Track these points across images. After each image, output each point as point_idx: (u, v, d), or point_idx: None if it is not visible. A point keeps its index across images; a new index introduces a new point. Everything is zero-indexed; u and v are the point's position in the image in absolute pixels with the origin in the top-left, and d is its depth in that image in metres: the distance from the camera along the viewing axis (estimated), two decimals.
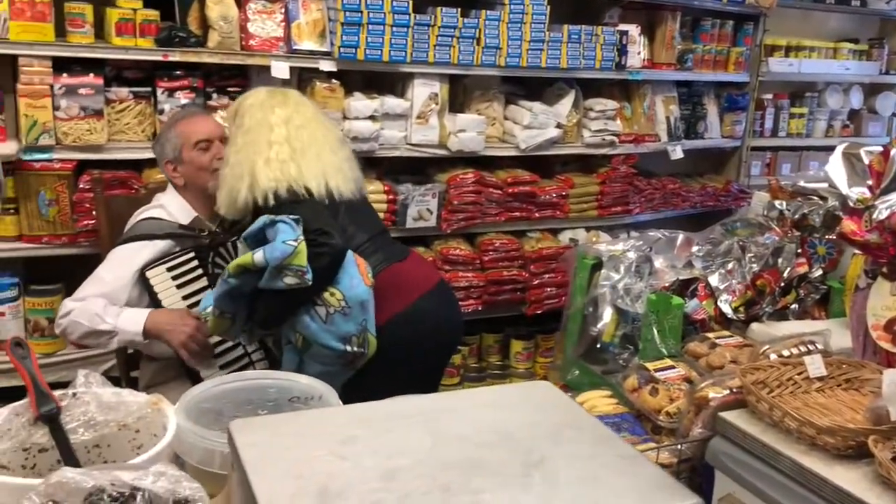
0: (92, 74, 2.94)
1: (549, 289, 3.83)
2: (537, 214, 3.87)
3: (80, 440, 1.31)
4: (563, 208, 3.92)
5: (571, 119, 3.90)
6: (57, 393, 1.33)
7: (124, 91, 3.03)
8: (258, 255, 2.09)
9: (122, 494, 0.82)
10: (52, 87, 2.86)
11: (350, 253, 2.27)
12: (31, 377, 1.33)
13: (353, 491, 0.85)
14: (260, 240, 2.18)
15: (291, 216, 2.18)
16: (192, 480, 0.85)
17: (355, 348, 2.24)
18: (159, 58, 3.00)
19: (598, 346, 2.18)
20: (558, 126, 3.83)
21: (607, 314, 2.19)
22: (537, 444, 0.98)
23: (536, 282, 3.80)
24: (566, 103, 3.89)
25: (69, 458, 1.28)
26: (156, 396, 1.38)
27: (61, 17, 2.88)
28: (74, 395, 1.36)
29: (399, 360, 2.36)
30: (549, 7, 3.65)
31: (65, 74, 2.89)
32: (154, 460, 1.18)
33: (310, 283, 2.12)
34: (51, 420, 1.30)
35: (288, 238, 2.10)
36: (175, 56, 3.01)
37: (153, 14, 2.98)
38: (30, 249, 2.98)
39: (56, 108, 2.88)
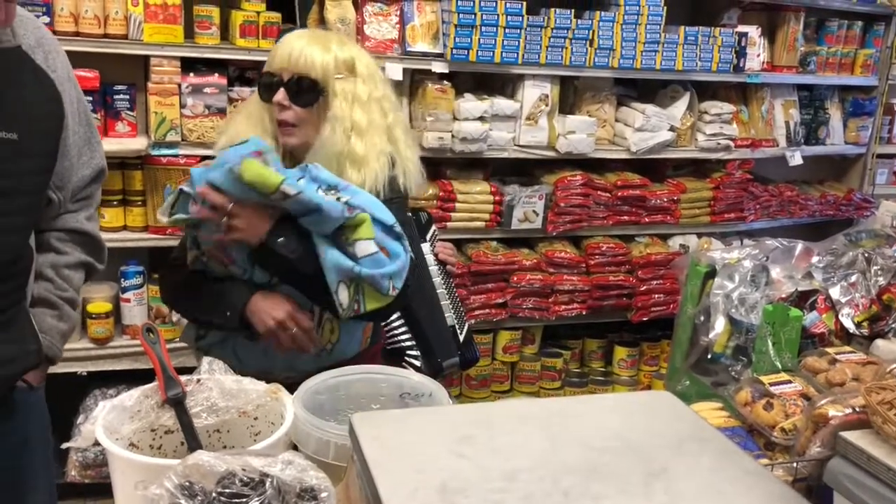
0: (217, 74, 3.07)
1: (656, 295, 3.76)
2: (647, 219, 3.80)
3: (203, 424, 1.37)
4: (674, 213, 3.84)
5: (685, 122, 3.81)
6: (182, 378, 1.40)
7: (246, 91, 3.14)
8: None
9: (252, 479, 0.86)
10: (179, 86, 3.01)
11: None
12: (160, 362, 1.40)
13: (474, 489, 0.86)
14: None
15: None
16: (319, 470, 0.88)
17: None
18: None
19: (709, 356, 2.13)
20: (671, 129, 3.75)
21: (720, 324, 2.14)
22: (659, 454, 0.96)
23: (644, 288, 3.73)
24: (680, 106, 3.81)
25: (193, 440, 1.34)
26: (275, 386, 1.43)
27: (190, 19, 3.02)
28: (199, 380, 1.42)
29: None
30: (665, 8, 3.58)
31: (192, 74, 3.03)
32: (272, 448, 1.23)
33: None
34: (177, 404, 1.36)
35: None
36: None
37: (275, 16, 3.09)
38: (154, 240, 3.13)
39: (183, 105, 3.02)
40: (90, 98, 2.89)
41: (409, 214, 2.54)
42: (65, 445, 1.36)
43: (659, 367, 4.00)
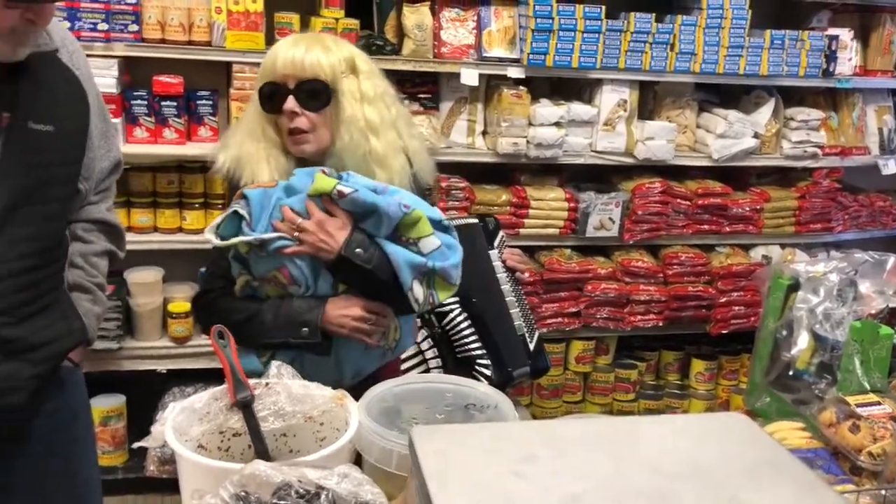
0: None
1: (737, 307, 3.64)
2: (728, 228, 3.69)
3: (270, 428, 1.38)
4: (757, 223, 3.71)
5: (770, 129, 3.69)
6: (251, 381, 1.41)
7: None
8: None
9: (308, 492, 0.85)
10: None
11: None
12: (230, 365, 1.41)
13: None
14: None
15: None
16: (374, 485, 0.87)
17: None
18: None
19: (791, 373, 2.05)
20: (755, 136, 3.63)
21: (803, 340, 2.05)
22: (731, 481, 0.91)
23: (723, 299, 3.62)
24: (765, 112, 3.68)
25: (259, 444, 1.35)
26: (341, 392, 1.43)
27: (271, 25, 3.08)
28: (267, 384, 1.44)
29: None
30: (750, 11, 3.47)
31: None
32: (336, 454, 1.23)
33: None
34: (245, 407, 1.38)
35: None
36: None
37: (354, 23, 3.12)
38: None
39: None
40: (175, 104, 3.01)
41: (477, 220, 2.53)
42: (136, 445, 1.39)
43: (738, 381, 3.88)
